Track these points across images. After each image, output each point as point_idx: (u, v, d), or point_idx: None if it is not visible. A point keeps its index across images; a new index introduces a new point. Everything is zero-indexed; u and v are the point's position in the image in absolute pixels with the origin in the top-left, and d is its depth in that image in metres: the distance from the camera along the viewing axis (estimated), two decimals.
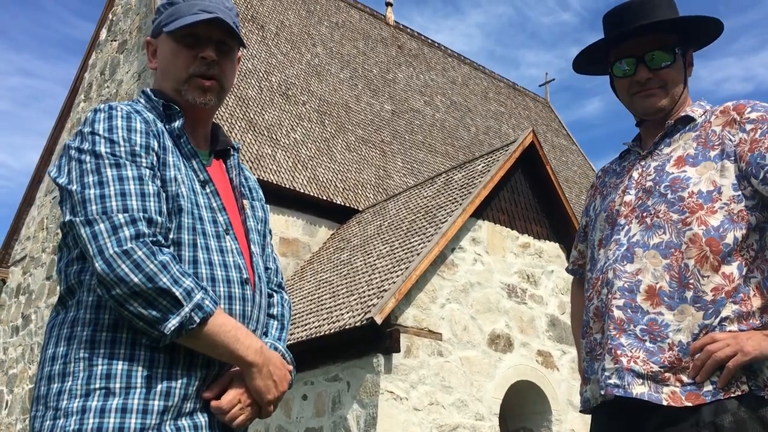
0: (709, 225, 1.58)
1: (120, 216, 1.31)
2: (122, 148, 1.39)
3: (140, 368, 1.34)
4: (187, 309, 1.31)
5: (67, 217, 1.37)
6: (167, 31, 1.55)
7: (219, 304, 1.40)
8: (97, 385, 1.32)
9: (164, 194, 1.41)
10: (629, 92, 1.79)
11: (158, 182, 1.41)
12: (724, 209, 1.59)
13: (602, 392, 1.62)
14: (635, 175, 1.76)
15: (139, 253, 1.30)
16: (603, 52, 1.84)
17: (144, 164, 1.40)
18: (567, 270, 2.15)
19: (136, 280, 1.28)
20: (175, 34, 1.54)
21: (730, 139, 1.64)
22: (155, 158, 1.43)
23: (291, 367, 1.56)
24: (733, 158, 1.62)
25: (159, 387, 1.34)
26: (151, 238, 1.33)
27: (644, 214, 1.67)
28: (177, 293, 1.31)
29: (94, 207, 1.32)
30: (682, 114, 1.76)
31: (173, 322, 1.31)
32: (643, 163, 1.77)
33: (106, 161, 1.37)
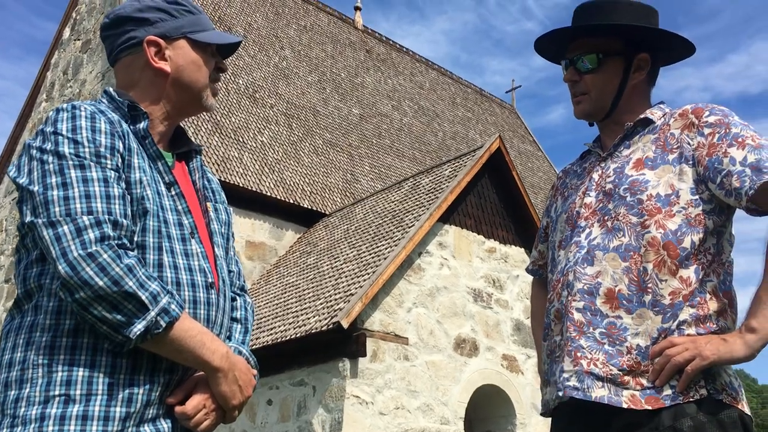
0: (667, 229, 1.59)
1: (84, 218, 1.29)
2: (86, 149, 1.36)
3: (101, 374, 1.31)
4: (153, 313, 1.29)
5: (28, 218, 1.33)
6: (204, 40, 1.59)
7: (185, 308, 1.38)
8: (57, 392, 1.29)
9: (129, 197, 1.39)
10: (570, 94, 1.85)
11: (123, 184, 1.39)
12: (681, 213, 1.60)
13: (560, 393, 1.62)
14: (595, 176, 1.77)
15: (105, 256, 1.27)
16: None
17: (109, 166, 1.37)
18: (527, 270, 2.14)
19: (101, 283, 1.25)
20: (201, 44, 1.59)
21: (689, 143, 1.65)
22: (120, 160, 1.40)
23: (255, 371, 1.55)
24: (691, 162, 1.63)
25: (121, 393, 1.32)
26: (116, 241, 1.30)
27: (605, 218, 1.67)
28: (143, 297, 1.28)
29: (57, 209, 1.29)
30: (641, 116, 1.77)
31: (139, 327, 1.28)
32: (602, 165, 1.78)
33: (70, 162, 1.34)
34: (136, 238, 1.39)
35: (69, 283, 1.26)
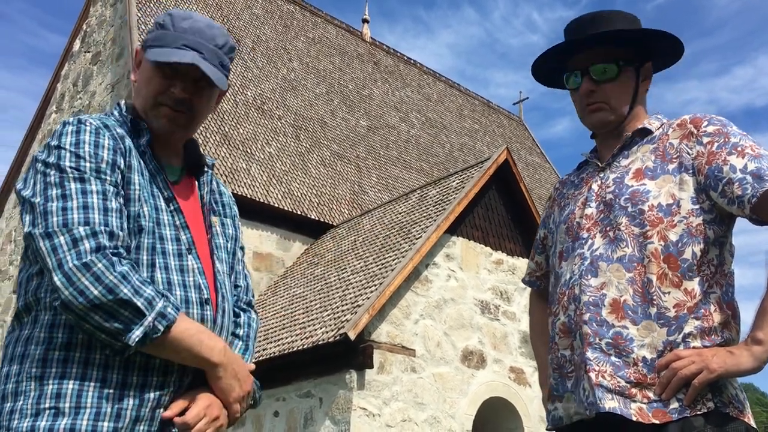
0: (668, 240, 1.59)
1: (81, 229, 1.30)
2: (87, 164, 1.38)
3: (91, 388, 1.32)
4: (149, 318, 1.30)
5: (27, 229, 1.35)
6: (147, 57, 1.53)
7: (181, 309, 1.39)
8: (47, 405, 1.30)
9: (126, 212, 1.41)
10: (581, 105, 1.81)
11: (121, 200, 1.40)
12: (683, 223, 1.60)
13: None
14: (594, 187, 1.76)
15: (99, 265, 1.28)
16: (560, 65, 1.86)
17: (108, 181, 1.39)
18: (523, 281, 2.13)
19: (96, 292, 1.27)
20: (155, 61, 1.53)
21: (688, 152, 1.65)
22: (120, 176, 1.42)
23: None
24: (691, 171, 1.63)
25: (109, 408, 1.33)
26: (111, 250, 1.32)
27: (607, 228, 1.67)
28: (138, 303, 1.29)
29: (54, 219, 1.31)
30: (640, 126, 1.77)
31: (137, 333, 1.29)
32: (602, 175, 1.77)
33: (71, 175, 1.36)
34: (130, 255, 1.39)
35: (64, 293, 1.27)
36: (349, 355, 7.86)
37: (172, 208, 1.51)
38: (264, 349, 8.65)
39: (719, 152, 1.60)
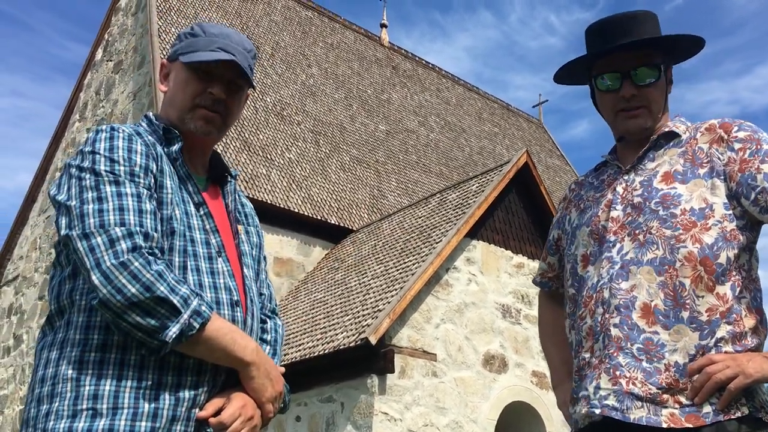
0: (703, 243, 1.57)
1: (117, 229, 1.33)
2: (122, 168, 1.42)
3: (128, 389, 1.34)
4: (185, 316, 1.33)
5: (64, 232, 1.38)
6: (183, 61, 1.59)
7: (213, 308, 1.42)
8: (84, 406, 1.32)
9: (159, 215, 1.43)
10: (613, 109, 1.76)
11: (154, 203, 1.43)
12: (717, 227, 1.58)
13: (597, 411, 1.59)
14: (619, 189, 1.73)
15: (136, 263, 1.31)
16: (585, 64, 1.82)
17: (142, 184, 1.42)
18: (534, 282, 2.10)
19: (133, 290, 1.29)
20: (190, 65, 1.58)
21: (719, 158, 1.64)
22: (153, 180, 1.45)
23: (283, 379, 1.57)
24: (722, 177, 1.62)
25: (146, 408, 1.34)
26: (147, 250, 1.34)
27: (636, 231, 1.65)
28: (174, 301, 1.32)
29: (91, 221, 1.34)
30: (666, 129, 1.75)
31: (174, 330, 1.32)
32: (626, 178, 1.75)
33: (105, 179, 1.40)
34: (164, 257, 1.41)
35: (102, 291, 1.29)
36: (370, 360, 7.86)
37: (202, 212, 1.55)
38: (285, 354, 8.68)
39: (752, 160, 1.59)
